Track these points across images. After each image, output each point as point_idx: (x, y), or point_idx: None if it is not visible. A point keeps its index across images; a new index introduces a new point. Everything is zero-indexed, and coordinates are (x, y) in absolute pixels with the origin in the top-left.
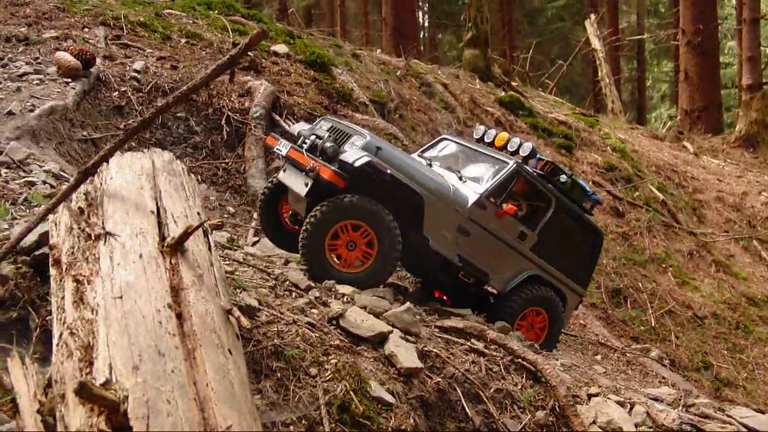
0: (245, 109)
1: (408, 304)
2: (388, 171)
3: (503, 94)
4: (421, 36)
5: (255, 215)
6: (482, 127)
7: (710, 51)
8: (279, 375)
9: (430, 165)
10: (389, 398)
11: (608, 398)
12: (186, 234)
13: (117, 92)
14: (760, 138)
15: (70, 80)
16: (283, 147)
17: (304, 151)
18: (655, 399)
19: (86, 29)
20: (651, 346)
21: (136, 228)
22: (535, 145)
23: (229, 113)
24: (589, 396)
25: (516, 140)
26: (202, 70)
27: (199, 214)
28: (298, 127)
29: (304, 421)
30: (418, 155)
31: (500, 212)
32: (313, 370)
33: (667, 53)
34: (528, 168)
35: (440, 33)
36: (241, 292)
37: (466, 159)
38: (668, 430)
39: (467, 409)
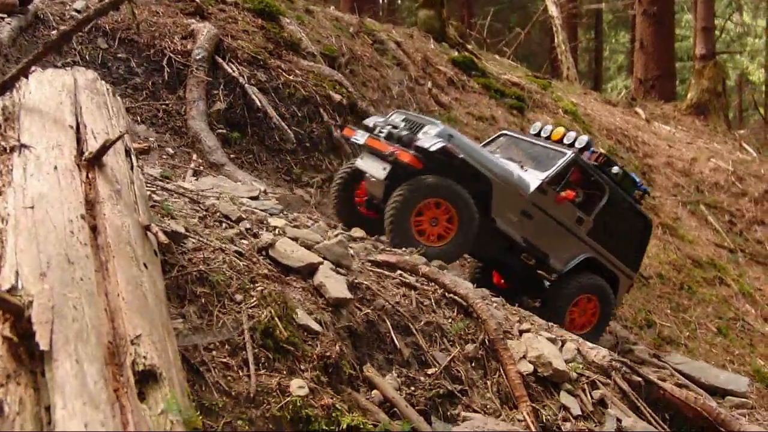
0: (187, 51)
1: (340, 237)
2: (461, 156)
3: (457, 54)
4: (381, 0)
5: (194, 156)
6: (538, 123)
7: (665, 20)
8: (203, 300)
9: None
10: (316, 326)
11: (540, 335)
12: (104, 148)
13: (55, 30)
14: (710, 106)
15: (5, 16)
16: (360, 137)
17: (381, 138)
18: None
19: None
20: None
21: (53, 141)
22: (590, 138)
23: (171, 55)
24: (521, 332)
25: (572, 134)
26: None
27: (121, 132)
28: (373, 120)
29: (227, 346)
30: None
31: (559, 198)
32: (239, 297)
33: (624, 24)
34: (584, 158)
35: None
36: (168, 219)
37: (526, 151)
38: (599, 367)
39: (396, 341)
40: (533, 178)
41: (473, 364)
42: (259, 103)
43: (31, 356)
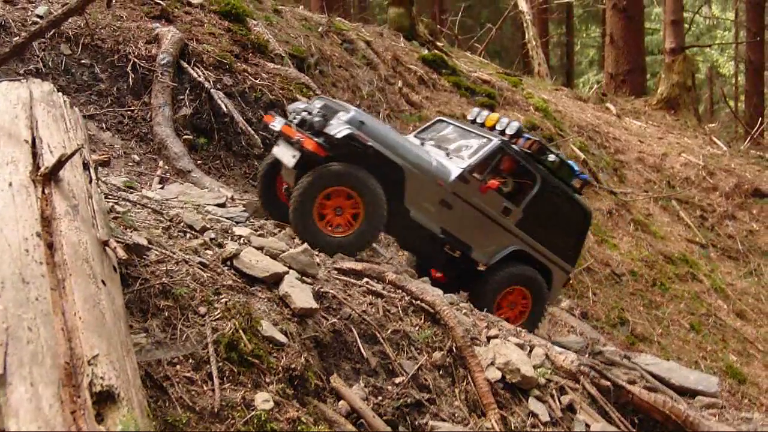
0: (152, 56)
1: (306, 245)
2: (369, 143)
3: (427, 52)
4: None
5: (160, 163)
6: (476, 109)
7: (635, 15)
8: (166, 314)
9: (423, 144)
10: (281, 338)
11: (508, 340)
12: (60, 162)
13: (17, 37)
14: (681, 100)
15: None
16: (277, 123)
17: (294, 126)
18: (562, 347)
19: None
20: (562, 297)
21: (8, 157)
22: (521, 124)
23: (136, 60)
24: (489, 338)
25: (504, 120)
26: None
27: (78, 145)
28: (294, 106)
29: (190, 360)
30: (415, 136)
31: (483, 187)
32: (203, 309)
33: (595, 18)
34: (513, 146)
35: None
36: (131, 232)
37: (456, 137)
38: (567, 372)
39: (363, 350)
40: (455, 167)
41: (441, 372)
42: (225, 108)
43: None
